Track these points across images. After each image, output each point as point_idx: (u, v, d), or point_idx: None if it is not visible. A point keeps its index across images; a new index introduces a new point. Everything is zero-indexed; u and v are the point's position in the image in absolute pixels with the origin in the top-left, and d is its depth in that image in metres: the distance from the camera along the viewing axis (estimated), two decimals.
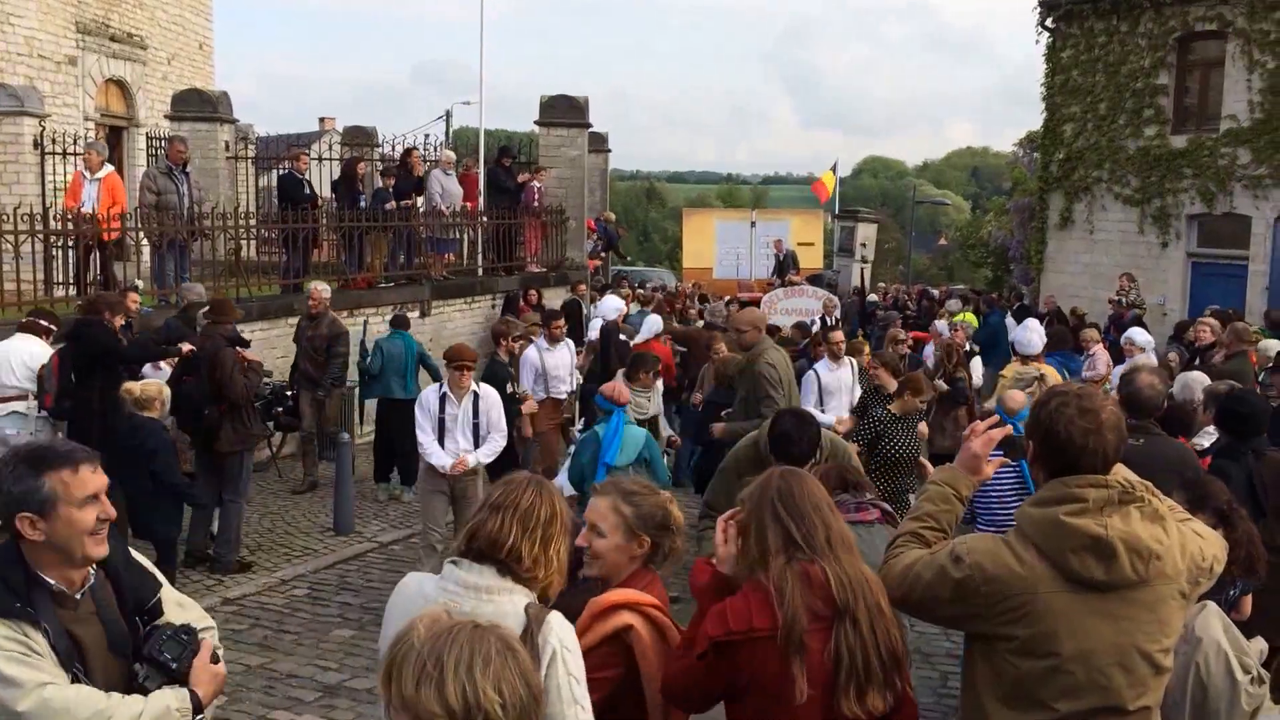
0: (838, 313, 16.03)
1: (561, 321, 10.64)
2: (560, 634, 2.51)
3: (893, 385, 7.95)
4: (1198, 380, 7.37)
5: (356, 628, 7.20)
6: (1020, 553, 2.70)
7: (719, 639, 2.69)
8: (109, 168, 11.52)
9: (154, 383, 7.65)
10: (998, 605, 2.70)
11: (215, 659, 2.73)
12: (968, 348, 12.23)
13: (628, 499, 3.02)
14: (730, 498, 3.69)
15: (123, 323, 8.51)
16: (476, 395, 7.66)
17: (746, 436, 5.62)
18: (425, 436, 7.58)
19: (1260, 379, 9.27)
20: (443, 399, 7.62)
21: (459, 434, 7.59)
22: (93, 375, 7.93)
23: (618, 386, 7.18)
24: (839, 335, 9.82)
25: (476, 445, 7.64)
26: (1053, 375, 6.82)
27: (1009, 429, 3.17)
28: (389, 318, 11.66)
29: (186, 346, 8.43)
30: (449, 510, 7.76)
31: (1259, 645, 3.78)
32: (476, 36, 16.63)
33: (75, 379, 7.96)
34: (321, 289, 10.74)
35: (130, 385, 7.41)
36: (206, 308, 8.98)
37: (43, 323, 8.38)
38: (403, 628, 1.77)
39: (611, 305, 12.26)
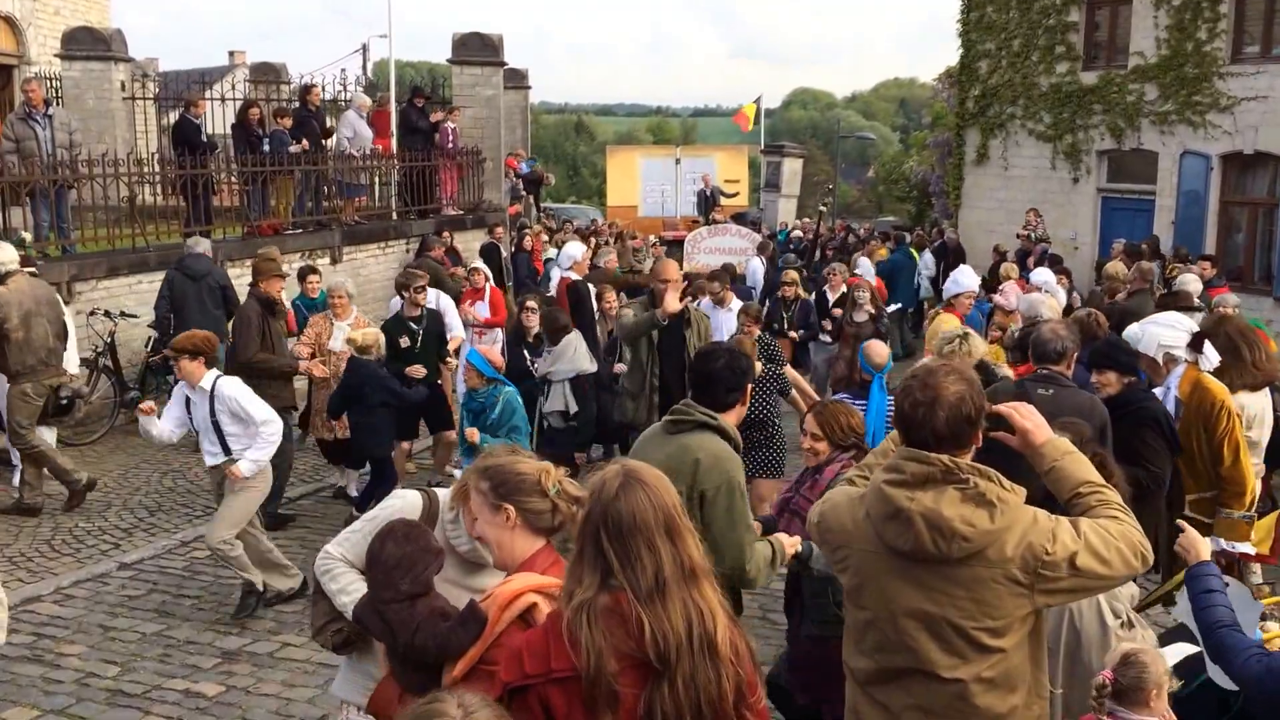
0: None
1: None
2: None
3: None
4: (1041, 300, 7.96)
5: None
6: (856, 511, 2.91)
7: (515, 683, 2.40)
8: None
9: (371, 331, 8.09)
10: (835, 553, 2.98)
11: None
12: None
13: (482, 475, 2.90)
14: None
15: None
16: (212, 394, 6.31)
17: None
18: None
19: None
20: (187, 397, 6.42)
21: (205, 439, 6.49)
22: None
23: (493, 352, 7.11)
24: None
25: (226, 449, 6.42)
26: (976, 337, 6.64)
27: None
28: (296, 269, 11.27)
29: None
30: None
31: (1130, 590, 3.84)
32: None
33: None
34: None
35: (353, 334, 8.05)
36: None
37: None
38: None
39: (569, 254, 11.36)
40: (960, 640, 2.75)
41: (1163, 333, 5.85)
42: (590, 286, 10.70)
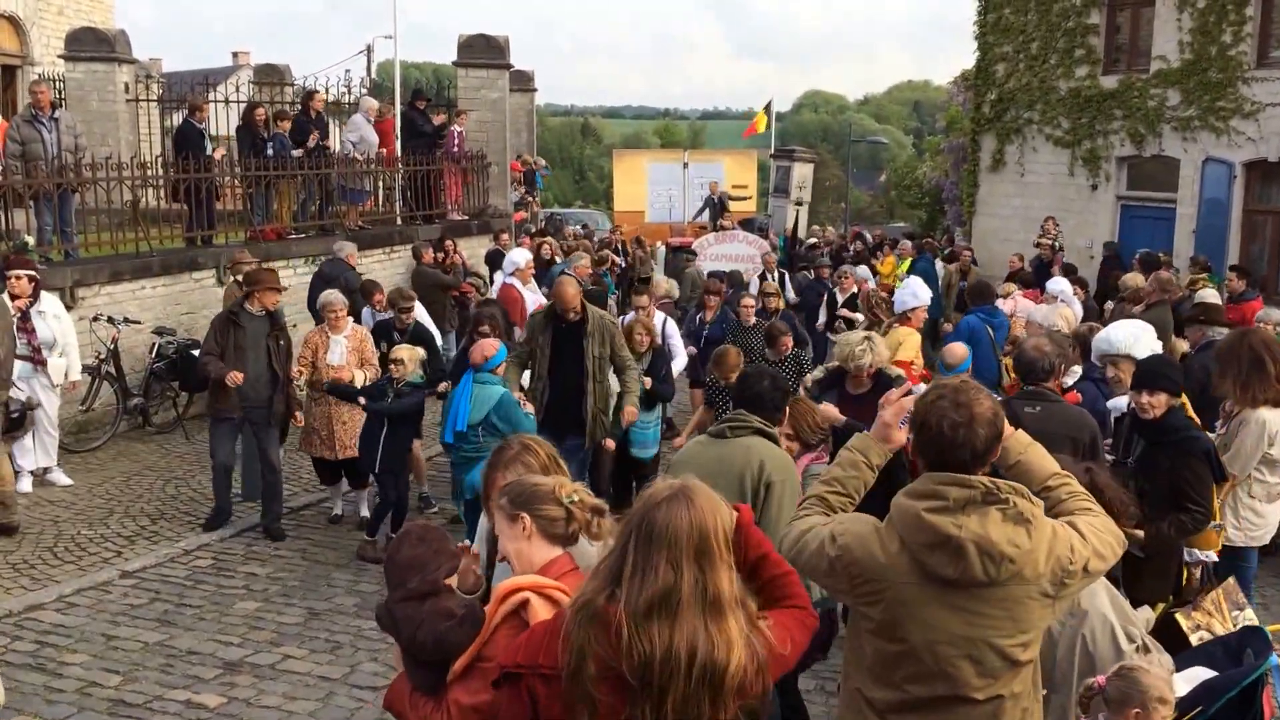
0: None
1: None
2: None
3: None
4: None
5: (262, 600, 6.95)
6: (886, 542, 2.82)
7: (508, 668, 2.56)
8: None
9: (403, 348, 8.02)
10: (860, 587, 2.85)
11: None
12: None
13: (502, 493, 3.01)
14: None
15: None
16: None
17: None
18: None
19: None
20: None
21: None
22: None
23: (482, 344, 6.87)
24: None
25: None
26: (880, 341, 6.62)
27: (915, 397, 3.15)
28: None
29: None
30: None
31: (1145, 614, 3.96)
32: None
33: None
34: None
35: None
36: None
37: None
38: None
39: (512, 260, 11.24)
40: (997, 660, 2.77)
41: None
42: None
